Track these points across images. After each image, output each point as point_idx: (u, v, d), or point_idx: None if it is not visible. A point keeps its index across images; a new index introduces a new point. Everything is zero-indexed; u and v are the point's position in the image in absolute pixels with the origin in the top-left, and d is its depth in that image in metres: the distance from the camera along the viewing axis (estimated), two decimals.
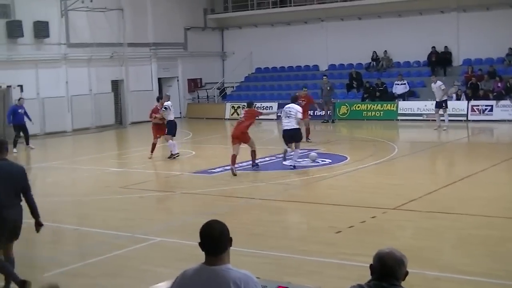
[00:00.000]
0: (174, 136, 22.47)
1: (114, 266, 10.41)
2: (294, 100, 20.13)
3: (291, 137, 18.85)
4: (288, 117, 18.84)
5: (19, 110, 26.25)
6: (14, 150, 25.56)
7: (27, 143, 26.12)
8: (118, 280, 9.56)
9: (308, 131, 25.22)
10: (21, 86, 29.04)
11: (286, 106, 19.34)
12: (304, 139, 26.22)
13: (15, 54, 30.87)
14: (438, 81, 28.33)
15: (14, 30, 30.38)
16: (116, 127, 34.76)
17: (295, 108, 18.95)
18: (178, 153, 21.92)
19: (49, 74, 32.14)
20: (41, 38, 31.88)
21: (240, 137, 18.51)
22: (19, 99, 26.98)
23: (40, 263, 11.05)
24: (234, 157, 18.12)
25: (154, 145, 22.29)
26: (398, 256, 4.81)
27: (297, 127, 18.99)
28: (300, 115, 18.98)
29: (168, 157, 21.71)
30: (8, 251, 9.35)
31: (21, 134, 26.09)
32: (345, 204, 14.04)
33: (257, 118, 19.75)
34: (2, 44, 30.36)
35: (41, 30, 31.63)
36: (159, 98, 23.59)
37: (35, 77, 31.46)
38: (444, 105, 28.18)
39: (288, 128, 18.83)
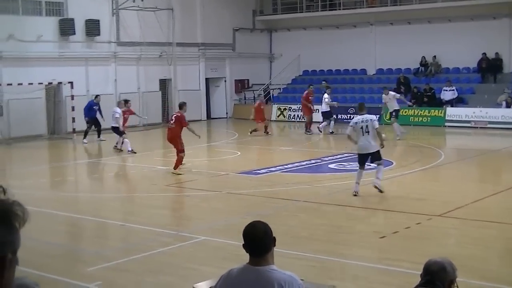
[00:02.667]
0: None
1: (158, 263, 10.51)
2: (362, 108, 16.14)
3: (372, 156, 15.67)
4: (367, 132, 15.35)
5: (94, 107, 27.66)
6: (85, 141, 26.44)
7: (99, 136, 27.77)
8: (162, 277, 9.66)
9: (309, 124, 28.05)
10: (71, 83, 29.46)
11: (359, 118, 15.72)
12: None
13: (67, 51, 31.40)
14: (390, 92, 28.61)
15: (67, 28, 30.91)
16: (163, 125, 35.02)
17: (370, 119, 15.52)
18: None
19: (98, 72, 32.61)
20: (92, 36, 32.36)
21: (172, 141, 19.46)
22: (96, 97, 28.11)
23: (85, 257, 11.21)
24: None
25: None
26: (448, 264, 4.81)
27: (376, 146, 15.55)
28: (376, 124, 15.56)
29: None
30: None
31: (94, 127, 27.76)
32: (390, 210, 13.96)
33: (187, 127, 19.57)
34: (55, 41, 30.89)
35: (92, 28, 32.12)
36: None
37: (85, 74, 31.94)
38: (394, 114, 28.64)
39: (368, 149, 15.46)
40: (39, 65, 29.44)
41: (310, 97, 30.52)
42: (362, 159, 15.62)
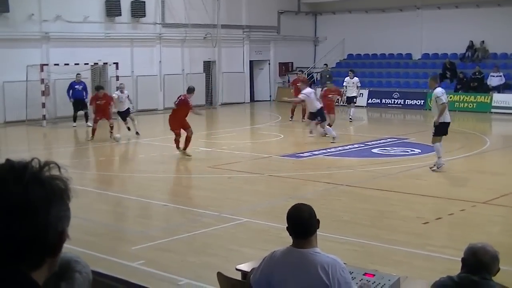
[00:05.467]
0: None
1: (200, 244, 10.58)
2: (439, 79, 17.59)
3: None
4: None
5: (76, 86, 27.39)
6: (74, 124, 26.45)
7: (87, 120, 26.97)
8: (204, 258, 9.72)
9: (304, 111, 25.96)
10: (116, 64, 29.69)
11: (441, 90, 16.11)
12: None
13: (113, 32, 31.64)
14: (355, 77, 28.48)
15: (113, 9, 31.13)
16: (206, 107, 35.16)
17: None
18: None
19: (143, 53, 32.80)
20: (138, 18, 32.52)
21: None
22: (77, 75, 27.71)
23: (129, 236, 11.34)
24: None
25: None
26: (492, 251, 4.76)
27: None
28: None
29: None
30: None
31: (81, 110, 27.23)
32: (433, 196, 13.82)
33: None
34: (101, 22, 31.15)
35: (138, 9, 32.28)
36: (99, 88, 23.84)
37: (130, 56, 32.15)
38: (354, 100, 28.56)
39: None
40: (85, 45, 29.74)
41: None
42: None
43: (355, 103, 28.74)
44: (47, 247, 1.92)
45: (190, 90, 19.50)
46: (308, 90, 22.58)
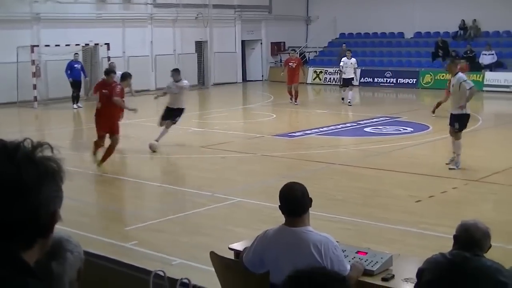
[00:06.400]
0: None
1: (194, 224, 10.60)
2: None
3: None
4: None
5: (76, 65, 27.31)
6: (75, 106, 26.31)
7: (76, 102, 26.82)
8: (197, 238, 9.74)
9: (296, 94, 25.92)
10: (107, 45, 29.56)
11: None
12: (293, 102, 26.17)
13: (104, 13, 31.46)
14: (353, 58, 26.68)
15: None
16: (198, 87, 35.07)
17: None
18: None
19: (135, 34, 32.61)
20: None
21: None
22: (75, 55, 27.65)
23: (123, 216, 11.36)
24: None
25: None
26: (483, 227, 4.78)
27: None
28: None
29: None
30: None
31: (73, 92, 27.05)
32: (426, 174, 13.85)
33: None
34: (92, 3, 30.97)
35: None
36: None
37: (121, 36, 31.99)
38: (352, 82, 26.74)
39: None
40: (76, 26, 29.53)
41: (289, 63, 26.98)
42: None
43: (353, 85, 27.17)
44: (38, 227, 1.92)
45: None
46: None
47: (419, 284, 4.90)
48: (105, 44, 29.61)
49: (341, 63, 26.62)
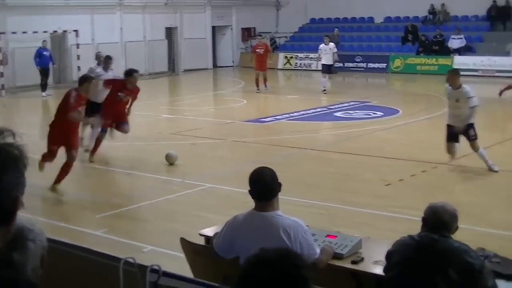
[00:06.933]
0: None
1: (165, 211, 10.58)
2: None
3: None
4: None
5: (45, 53, 26.85)
6: (43, 94, 25.98)
7: (44, 89, 26.46)
8: (168, 224, 9.72)
9: (265, 80, 25.69)
10: (76, 31, 29.28)
11: None
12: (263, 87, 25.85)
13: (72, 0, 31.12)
14: (331, 43, 26.14)
15: None
16: (169, 74, 34.91)
17: None
18: None
19: (104, 20, 32.26)
20: None
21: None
22: (43, 42, 27.24)
23: (93, 204, 11.27)
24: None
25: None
26: (451, 209, 4.83)
27: None
28: None
29: None
30: None
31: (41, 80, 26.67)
32: (396, 158, 13.94)
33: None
34: None
35: None
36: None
37: (90, 23, 31.66)
38: (333, 70, 26.37)
39: None
40: (44, 13, 29.12)
41: (257, 50, 26.75)
42: None
43: (332, 72, 26.67)
44: (0, 214, 1.90)
45: (83, 81, 12.00)
46: None
47: (388, 266, 4.94)
48: (74, 31, 29.33)
49: (319, 50, 26.17)
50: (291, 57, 37.20)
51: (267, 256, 2.47)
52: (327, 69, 25.79)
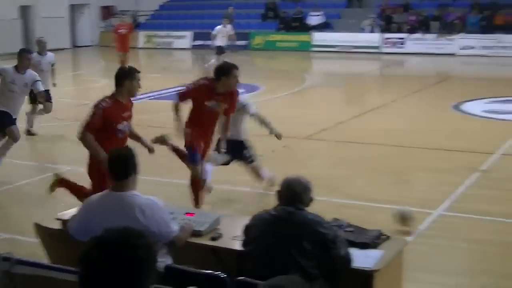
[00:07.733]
0: None
1: (20, 196, 10.22)
2: None
3: None
4: None
5: None
6: None
7: None
8: (27, 209, 9.39)
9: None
10: None
11: None
12: None
13: None
14: (228, 25, 26.14)
15: None
16: None
17: None
18: None
19: None
20: None
21: None
22: None
23: None
24: None
25: None
26: (304, 182, 4.92)
27: None
28: None
29: None
30: None
31: None
32: (255, 134, 14.03)
33: None
34: None
35: None
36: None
37: None
38: (224, 51, 25.70)
39: None
40: None
41: (119, 30, 25.37)
42: None
43: (223, 53, 25.49)
44: None
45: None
46: None
47: (246, 241, 4.98)
48: None
49: (214, 31, 25.61)
50: (153, 36, 36.76)
51: (105, 237, 2.42)
52: (221, 50, 25.40)
